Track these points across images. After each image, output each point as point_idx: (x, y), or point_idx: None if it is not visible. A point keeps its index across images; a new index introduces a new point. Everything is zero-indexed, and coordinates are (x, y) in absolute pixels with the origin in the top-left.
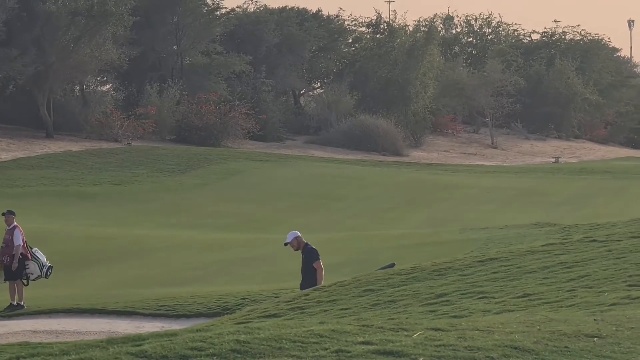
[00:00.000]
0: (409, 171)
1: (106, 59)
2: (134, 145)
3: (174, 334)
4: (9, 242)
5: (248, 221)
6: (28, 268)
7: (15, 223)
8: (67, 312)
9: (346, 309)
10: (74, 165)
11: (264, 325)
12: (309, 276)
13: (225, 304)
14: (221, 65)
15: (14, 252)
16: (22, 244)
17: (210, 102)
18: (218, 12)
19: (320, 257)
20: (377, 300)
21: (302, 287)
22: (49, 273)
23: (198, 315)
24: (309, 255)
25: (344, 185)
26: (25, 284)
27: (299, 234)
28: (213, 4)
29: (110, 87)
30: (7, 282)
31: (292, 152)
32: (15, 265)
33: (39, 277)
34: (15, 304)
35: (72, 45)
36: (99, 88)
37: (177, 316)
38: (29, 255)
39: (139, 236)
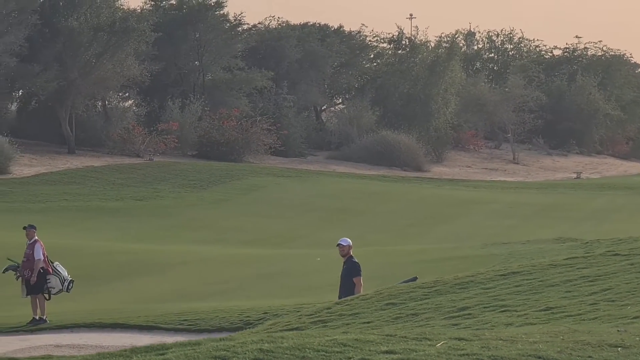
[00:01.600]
0: (431, 187)
1: (128, 74)
2: (155, 160)
3: (197, 343)
4: (29, 256)
5: (269, 236)
6: (49, 282)
7: (36, 237)
8: (89, 327)
9: (368, 322)
10: (96, 180)
11: (287, 335)
12: (347, 287)
13: (247, 319)
14: (243, 81)
15: (34, 267)
16: (42, 258)
17: (232, 118)
18: (240, 28)
19: (361, 274)
20: (399, 314)
21: (340, 297)
22: (70, 287)
23: (220, 329)
24: (351, 268)
25: (365, 201)
26: (47, 298)
27: (351, 243)
28: (235, 20)
29: (133, 103)
30: (29, 297)
31: (313, 167)
32: (34, 279)
33: (60, 291)
34: (37, 318)
35: (94, 61)
36: (121, 104)
37: (199, 331)
38: (50, 270)
39: (160, 251)
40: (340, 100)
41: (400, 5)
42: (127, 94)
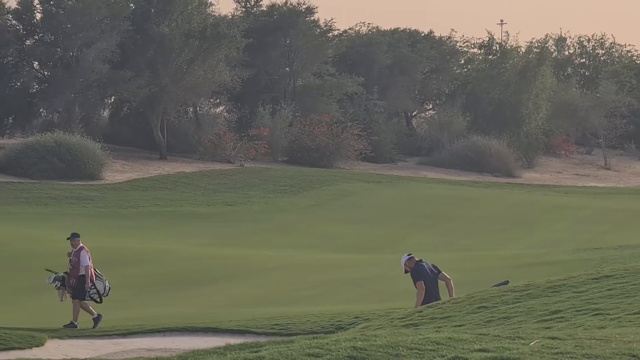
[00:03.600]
0: (521, 192)
1: (219, 80)
2: (246, 166)
3: (291, 341)
4: (75, 264)
5: (360, 242)
6: (94, 288)
7: (81, 244)
8: (181, 331)
9: (460, 325)
10: (187, 186)
11: (380, 334)
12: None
13: (339, 323)
14: (333, 86)
15: (81, 273)
16: (90, 265)
17: (322, 124)
18: (330, 34)
19: (421, 278)
20: (490, 317)
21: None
22: (107, 293)
23: (311, 333)
24: (412, 276)
25: (455, 206)
26: (99, 301)
27: (408, 258)
28: (325, 26)
29: (224, 109)
30: (73, 301)
31: (404, 173)
32: (88, 284)
33: (99, 294)
34: (76, 323)
35: (185, 67)
36: (212, 110)
37: (291, 334)
38: (94, 277)
39: (251, 256)
40: (430, 106)
41: (491, 11)
42: (218, 100)
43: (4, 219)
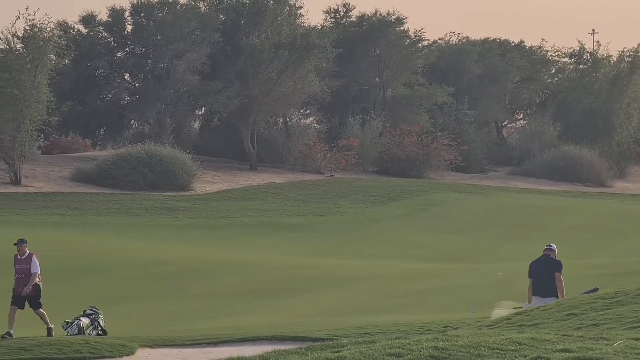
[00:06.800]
0: (613, 202)
1: (309, 91)
2: (336, 177)
3: (372, 341)
4: (26, 271)
5: (450, 251)
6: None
7: (28, 251)
8: (270, 340)
9: (548, 332)
10: (278, 196)
11: (462, 334)
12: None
13: (428, 332)
14: (423, 96)
15: (36, 281)
16: (39, 272)
17: (412, 134)
18: (420, 44)
19: (529, 277)
20: (580, 324)
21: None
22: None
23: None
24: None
25: (546, 216)
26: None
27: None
28: (415, 36)
29: (313, 120)
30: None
31: (494, 183)
32: (29, 290)
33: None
34: (51, 327)
35: (275, 78)
36: (301, 120)
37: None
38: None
39: (341, 266)
40: (521, 116)
41: (582, 20)
42: (307, 111)
43: (95, 229)
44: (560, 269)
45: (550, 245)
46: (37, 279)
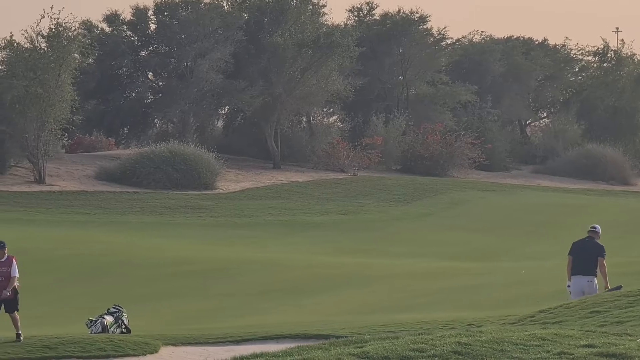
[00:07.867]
0: (637, 200)
1: (332, 90)
2: (360, 175)
3: (395, 337)
4: (6, 274)
5: (474, 250)
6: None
7: (8, 254)
8: (294, 338)
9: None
10: (301, 195)
11: (486, 330)
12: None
13: (451, 329)
14: (447, 95)
15: (15, 284)
16: (18, 276)
17: (435, 132)
18: (443, 43)
19: (569, 254)
20: (603, 322)
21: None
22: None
23: None
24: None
25: (569, 215)
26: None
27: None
28: (438, 34)
29: (337, 118)
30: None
31: (518, 181)
32: (7, 294)
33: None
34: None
35: (298, 76)
36: (325, 119)
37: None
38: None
39: (365, 264)
40: (545, 114)
41: (606, 18)
42: (331, 110)
43: (120, 228)
44: (604, 254)
45: (595, 227)
46: (16, 283)
